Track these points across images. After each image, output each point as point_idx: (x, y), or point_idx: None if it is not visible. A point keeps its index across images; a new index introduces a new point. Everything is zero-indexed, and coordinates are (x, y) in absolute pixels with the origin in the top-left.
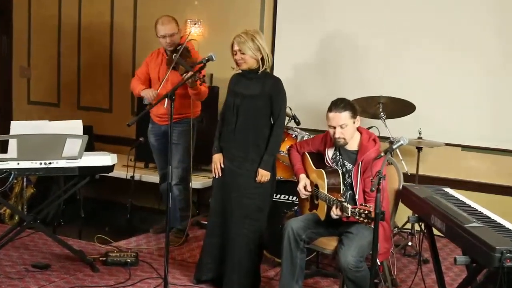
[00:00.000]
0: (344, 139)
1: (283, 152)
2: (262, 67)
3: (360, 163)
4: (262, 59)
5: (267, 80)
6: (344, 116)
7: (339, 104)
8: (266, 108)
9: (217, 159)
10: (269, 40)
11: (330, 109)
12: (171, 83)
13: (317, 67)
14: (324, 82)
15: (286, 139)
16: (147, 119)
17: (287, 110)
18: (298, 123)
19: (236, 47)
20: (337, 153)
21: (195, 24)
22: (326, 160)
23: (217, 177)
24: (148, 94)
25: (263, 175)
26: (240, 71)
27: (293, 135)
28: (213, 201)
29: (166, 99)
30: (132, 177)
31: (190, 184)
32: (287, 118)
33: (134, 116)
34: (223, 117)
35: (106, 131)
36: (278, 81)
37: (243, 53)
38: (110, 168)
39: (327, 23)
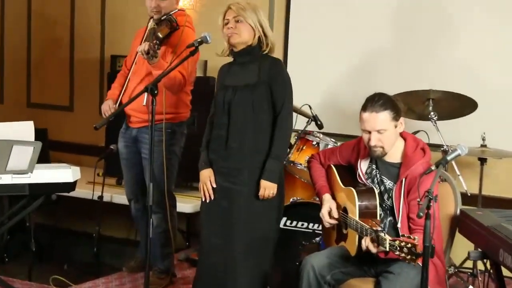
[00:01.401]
0: (383, 148)
1: (301, 164)
2: (261, 48)
3: (404, 180)
4: (259, 39)
5: (263, 63)
6: (382, 118)
7: (376, 102)
8: (267, 100)
9: (206, 176)
10: (281, 20)
11: (364, 108)
12: (147, 69)
13: (344, 55)
14: (353, 74)
15: (305, 148)
16: (121, 120)
17: (306, 108)
18: (320, 126)
19: (230, 15)
20: (373, 167)
21: None
22: (359, 175)
23: (207, 200)
24: (103, 108)
25: (267, 187)
26: (231, 59)
27: (314, 143)
28: (204, 232)
29: (145, 93)
30: (100, 197)
31: (171, 211)
32: (305, 120)
33: (104, 117)
34: (211, 121)
35: (65, 136)
36: (276, 61)
37: (239, 21)
38: (70, 186)
39: None
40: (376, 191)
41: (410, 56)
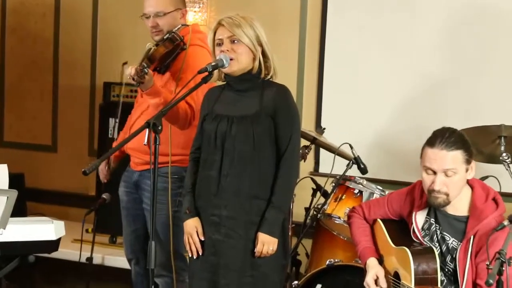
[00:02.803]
0: (447, 195)
1: (339, 218)
2: (262, 74)
3: (472, 237)
4: (259, 60)
5: (266, 91)
6: (454, 158)
7: (447, 138)
8: (269, 135)
9: (192, 227)
10: (315, 42)
11: (431, 143)
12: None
13: (394, 82)
14: (405, 106)
15: (344, 197)
16: (122, 165)
17: (346, 148)
18: (363, 171)
19: (223, 33)
20: (432, 220)
21: (195, 5)
22: (414, 231)
23: (195, 256)
24: (100, 173)
25: (266, 242)
26: (223, 81)
27: (356, 191)
28: None
29: (146, 129)
30: (90, 259)
31: (181, 275)
32: (345, 162)
33: (94, 159)
34: (196, 157)
35: (46, 183)
36: (282, 88)
37: (235, 42)
38: (52, 245)
39: (404, 12)
40: (436, 252)
41: (476, 85)
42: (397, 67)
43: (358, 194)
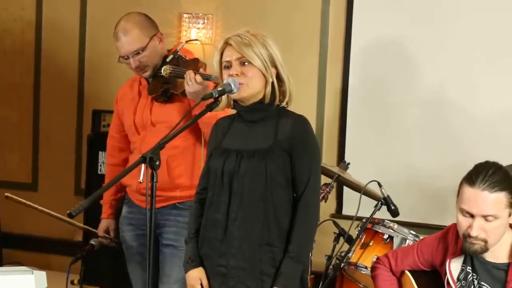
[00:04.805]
0: (485, 242)
1: (366, 268)
2: (275, 100)
3: None
4: (273, 84)
5: (282, 121)
6: (496, 201)
7: (490, 176)
8: (284, 173)
9: (196, 279)
10: (339, 53)
11: (470, 181)
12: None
13: (427, 112)
14: (444, 139)
15: (372, 243)
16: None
17: (374, 187)
18: (394, 213)
19: (232, 54)
20: (468, 268)
21: (198, 21)
22: (448, 283)
23: None
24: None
25: None
26: (231, 112)
27: (385, 236)
28: None
29: (142, 164)
30: None
31: None
32: (372, 203)
33: (82, 199)
34: (202, 199)
35: (25, 227)
36: (301, 119)
37: (246, 64)
38: None
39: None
40: None
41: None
42: (430, 93)
43: (388, 240)
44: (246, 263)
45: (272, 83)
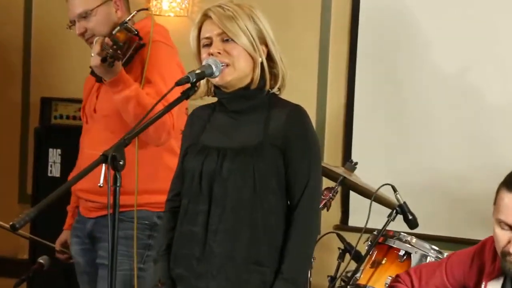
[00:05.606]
0: None
1: None
2: (265, 85)
3: None
4: (262, 68)
5: (274, 112)
6: None
7: None
8: (276, 174)
9: None
10: (344, 31)
11: (509, 186)
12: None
13: (446, 110)
14: (472, 135)
15: (385, 261)
16: (61, 215)
17: (387, 191)
18: (412, 224)
19: (212, 29)
20: None
21: None
22: None
23: None
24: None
25: None
26: (212, 99)
27: (401, 253)
28: None
29: (103, 165)
30: None
31: None
32: (386, 211)
33: (28, 207)
34: (174, 207)
35: None
36: (297, 109)
37: (229, 41)
38: None
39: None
40: None
41: None
42: (451, 92)
43: (405, 257)
44: (230, 286)
45: (262, 64)
